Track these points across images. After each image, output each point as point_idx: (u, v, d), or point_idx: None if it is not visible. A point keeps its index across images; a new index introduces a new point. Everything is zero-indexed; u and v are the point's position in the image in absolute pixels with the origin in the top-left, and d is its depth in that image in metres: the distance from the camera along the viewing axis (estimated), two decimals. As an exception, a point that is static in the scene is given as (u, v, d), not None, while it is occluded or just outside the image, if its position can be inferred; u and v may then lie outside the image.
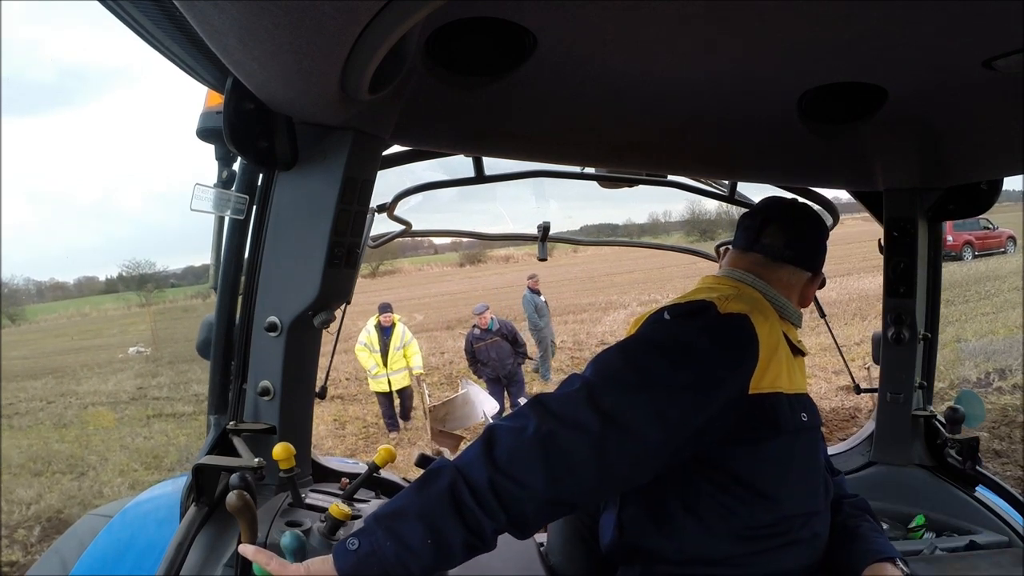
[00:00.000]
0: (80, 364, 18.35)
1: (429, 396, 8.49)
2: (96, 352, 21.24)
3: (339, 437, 9.18)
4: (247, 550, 1.07)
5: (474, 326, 8.73)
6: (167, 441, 9.50)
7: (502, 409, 8.10)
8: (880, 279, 2.11)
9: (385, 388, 8.57)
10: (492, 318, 8.70)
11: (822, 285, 1.45)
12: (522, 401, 8.00)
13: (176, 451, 8.91)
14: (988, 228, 21.94)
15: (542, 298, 10.77)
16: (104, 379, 15.48)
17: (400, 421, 8.95)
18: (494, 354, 8.52)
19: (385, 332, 8.54)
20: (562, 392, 1.08)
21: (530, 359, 9.44)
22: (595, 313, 18.27)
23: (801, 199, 1.54)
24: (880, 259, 2.07)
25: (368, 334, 8.56)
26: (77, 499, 7.20)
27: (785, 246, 1.36)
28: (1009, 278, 15.57)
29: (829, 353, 9.28)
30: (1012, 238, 22.36)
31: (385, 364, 8.46)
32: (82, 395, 13.85)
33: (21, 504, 7.07)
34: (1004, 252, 21.81)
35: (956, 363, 9.07)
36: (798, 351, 1.32)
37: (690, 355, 1.10)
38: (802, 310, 1.41)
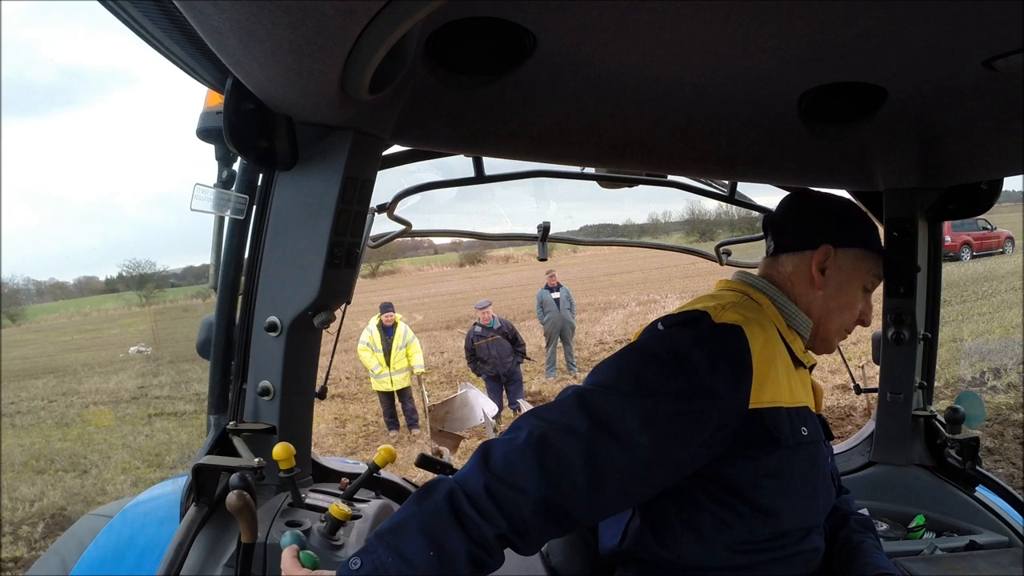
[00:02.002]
0: (81, 363, 18.35)
1: (428, 396, 8.50)
2: (97, 351, 21.24)
3: (340, 435, 9.21)
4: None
5: (475, 324, 8.76)
6: (169, 439, 9.52)
7: (501, 409, 8.12)
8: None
9: (388, 388, 8.59)
10: (493, 316, 8.72)
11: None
12: (520, 401, 8.04)
13: (178, 449, 8.93)
14: (986, 229, 21.93)
15: (555, 294, 10.81)
16: (105, 378, 15.49)
17: (407, 428, 8.86)
18: (494, 352, 8.56)
19: (387, 332, 8.55)
20: (556, 402, 1.09)
21: (529, 359, 9.45)
22: (594, 313, 18.27)
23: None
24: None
25: (370, 334, 8.57)
26: (80, 496, 7.22)
27: (773, 237, 1.36)
28: (1007, 278, 15.57)
29: (824, 352, 9.31)
30: (1010, 239, 22.33)
31: (388, 363, 8.47)
32: (83, 394, 13.86)
33: (24, 501, 7.09)
34: (1002, 252, 21.80)
35: (952, 362, 9.09)
36: (800, 363, 1.29)
37: (682, 365, 1.09)
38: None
